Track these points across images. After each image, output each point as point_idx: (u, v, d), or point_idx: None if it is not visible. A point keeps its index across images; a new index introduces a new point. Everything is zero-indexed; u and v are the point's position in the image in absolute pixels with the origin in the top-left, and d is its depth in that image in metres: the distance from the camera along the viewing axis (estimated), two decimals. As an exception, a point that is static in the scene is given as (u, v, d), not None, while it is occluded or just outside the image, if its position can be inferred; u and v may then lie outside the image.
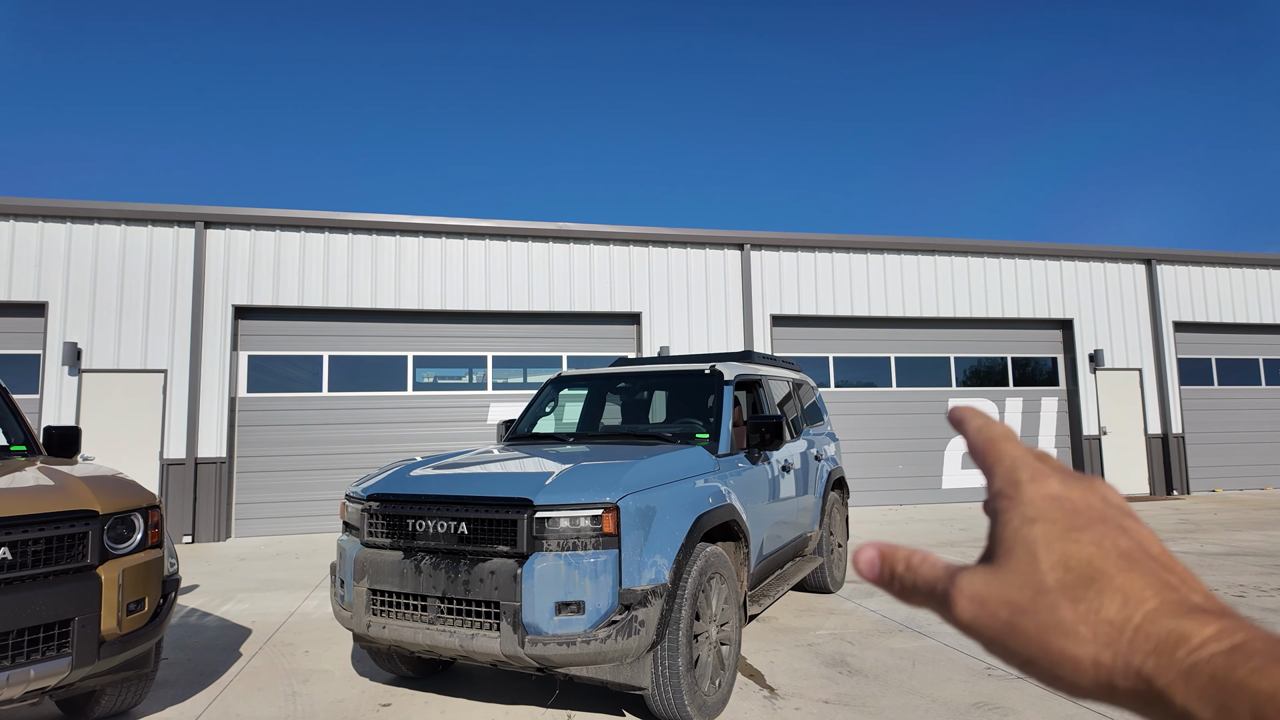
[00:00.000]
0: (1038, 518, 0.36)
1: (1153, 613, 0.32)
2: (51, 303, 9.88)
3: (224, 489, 10.06)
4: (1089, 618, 0.33)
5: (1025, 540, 0.36)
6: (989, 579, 0.36)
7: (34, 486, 3.41)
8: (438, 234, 11.25)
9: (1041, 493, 0.37)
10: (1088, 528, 0.35)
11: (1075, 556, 0.34)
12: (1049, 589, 0.34)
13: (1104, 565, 0.34)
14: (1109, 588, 0.33)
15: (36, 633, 3.11)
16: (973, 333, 13.30)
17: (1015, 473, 0.38)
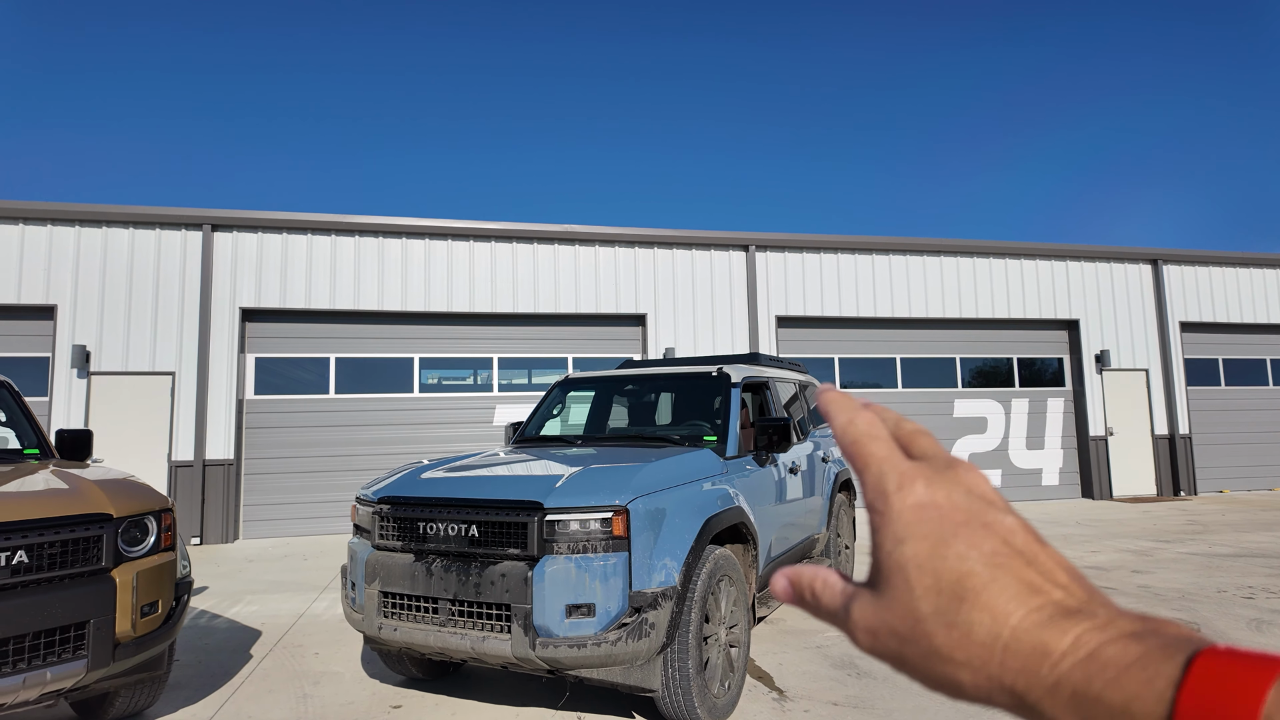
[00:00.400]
0: (907, 536, 0.35)
1: (1017, 629, 0.31)
2: (60, 305, 9.93)
3: (232, 491, 10.10)
4: (962, 644, 0.32)
5: (899, 564, 0.35)
6: (875, 608, 0.35)
7: (48, 490, 3.44)
8: (444, 236, 11.29)
9: (908, 503, 0.36)
10: (955, 536, 0.34)
11: (945, 575, 0.33)
12: (925, 617, 0.33)
13: (972, 580, 0.33)
14: (977, 606, 0.32)
15: (53, 635, 3.13)
16: (978, 333, 13.29)
17: (882, 481, 0.37)
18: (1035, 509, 11.93)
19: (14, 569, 3.08)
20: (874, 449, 0.38)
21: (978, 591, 0.33)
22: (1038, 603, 0.32)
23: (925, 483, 0.36)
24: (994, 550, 0.34)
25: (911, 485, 0.36)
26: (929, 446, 0.39)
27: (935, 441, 0.40)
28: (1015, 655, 0.31)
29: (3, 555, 3.05)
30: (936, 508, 0.35)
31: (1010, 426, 13.17)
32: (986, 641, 0.32)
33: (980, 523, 0.35)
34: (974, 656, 0.32)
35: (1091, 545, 8.41)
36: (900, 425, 0.40)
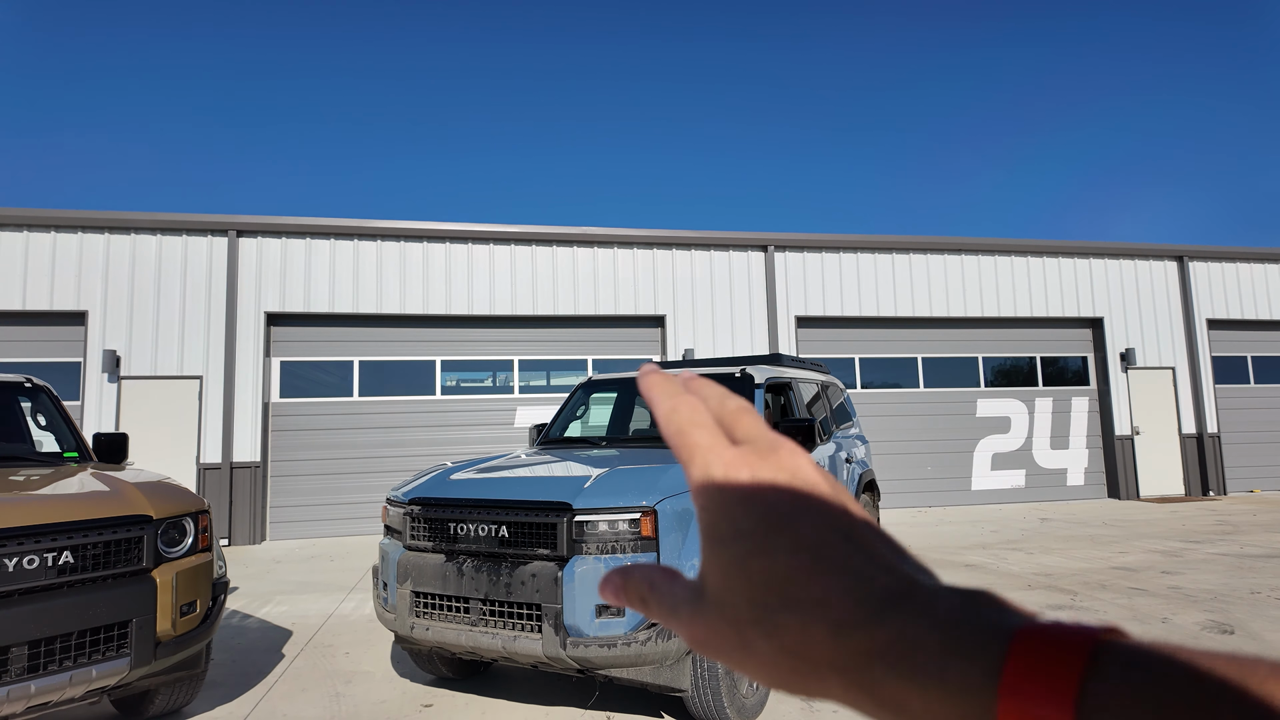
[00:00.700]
0: (730, 536, 0.32)
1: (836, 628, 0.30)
2: (91, 311, 10.13)
3: (258, 493, 10.24)
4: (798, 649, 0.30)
5: (723, 568, 0.32)
6: (705, 615, 0.33)
7: (91, 492, 3.52)
8: (463, 240, 11.38)
9: (732, 499, 0.33)
10: (780, 530, 0.32)
11: (772, 576, 0.31)
12: (747, 623, 0.31)
13: (793, 579, 0.31)
14: (799, 607, 0.30)
15: (97, 634, 3.21)
16: (1000, 332, 13.19)
17: (708, 474, 0.34)
18: (1060, 509, 11.81)
19: (60, 569, 3.16)
20: (697, 438, 0.35)
21: (798, 595, 0.31)
22: (864, 593, 0.30)
23: (750, 472, 0.34)
24: (818, 540, 0.31)
25: (736, 474, 0.34)
26: (752, 428, 0.36)
27: (758, 420, 0.37)
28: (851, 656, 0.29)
29: (49, 556, 3.13)
30: (762, 499, 0.33)
31: (1034, 426, 13.05)
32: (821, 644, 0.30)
33: (805, 510, 0.32)
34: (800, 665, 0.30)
35: (1119, 546, 8.32)
36: (724, 405, 0.37)
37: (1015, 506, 12.29)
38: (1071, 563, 7.41)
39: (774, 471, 0.33)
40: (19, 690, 2.97)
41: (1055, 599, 5.94)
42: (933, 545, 8.71)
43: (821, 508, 0.33)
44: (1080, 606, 5.70)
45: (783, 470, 0.34)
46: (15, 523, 3.08)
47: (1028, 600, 5.92)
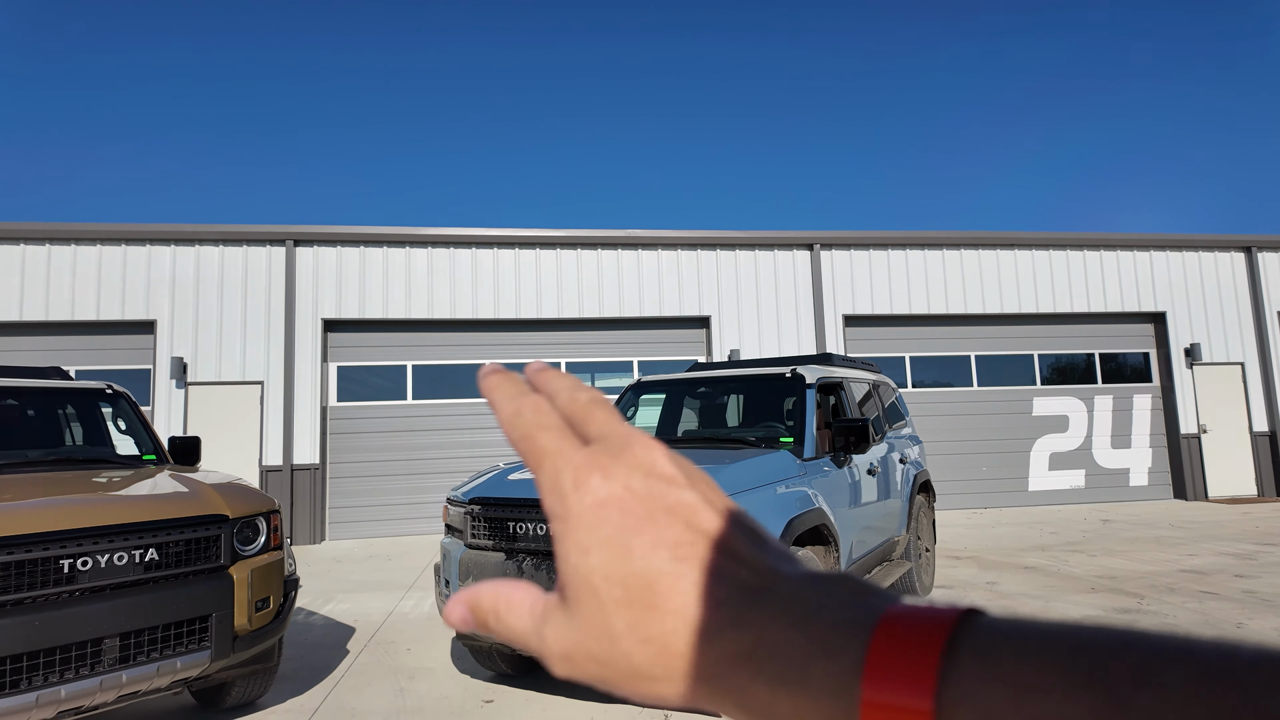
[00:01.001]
0: (591, 544, 0.31)
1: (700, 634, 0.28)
2: (159, 320, 10.58)
3: (318, 494, 10.57)
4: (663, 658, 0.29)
5: (585, 578, 0.30)
6: (569, 630, 0.31)
7: (171, 493, 3.71)
8: (510, 245, 11.56)
9: (587, 504, 0.31)
10: (638, 533, 0.30)
11: (634, 583, 0.30)
12: (620, 634, 0.30)
13: (660, 582, 0.29)
14: (669, 611, 0.29)
15: (181, 627, 3.38)
16: (1056, 328, 12.83)
17: (558, 481, 0.32)
18: (1123, 510, 11.44)
19: (146, 566, 3.33)
20: (544, 442, 0.33)
21: (667, 595, 0.29)
22: (725, 592, 0.29)
23: (602, 474, 0.32)
24: (677, 539, 0.30)
25: (588, 480, 0.32)
26: (604, 423, 0.34)
27: (611, 412, 0.35)
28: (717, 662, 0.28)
29: (136, 553, 3.30)
30: (617, 502, 0.31)
31: (1094, 425, 12.67)
32: (686, 652, 0.28)
33: (662, 509, 0.31)
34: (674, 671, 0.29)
35: (1187, 548, 8.03)
36: (574, 399, 0.36)
37: (1075, 508, 11.95)
38: (1137, 565, 7.19)
39: (627, 471, 0.32)
40: (111, 680, 3.15)
41: (1121, 602, 5.78)
42: (989, 547, 8.54)
43: (679, 504, 0.31)
44: (1148, 610, 5.53)
45: (636, 468, 0.32)
46: (105, 521, 3.26)
47: (1091, 604, 5.77)
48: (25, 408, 4.68)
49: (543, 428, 0.34)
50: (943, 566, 7.40)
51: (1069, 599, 5.96)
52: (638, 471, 0.32)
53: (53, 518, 3.15)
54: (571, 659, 0.31)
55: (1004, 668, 0.24)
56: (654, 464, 0.32)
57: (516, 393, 0.36)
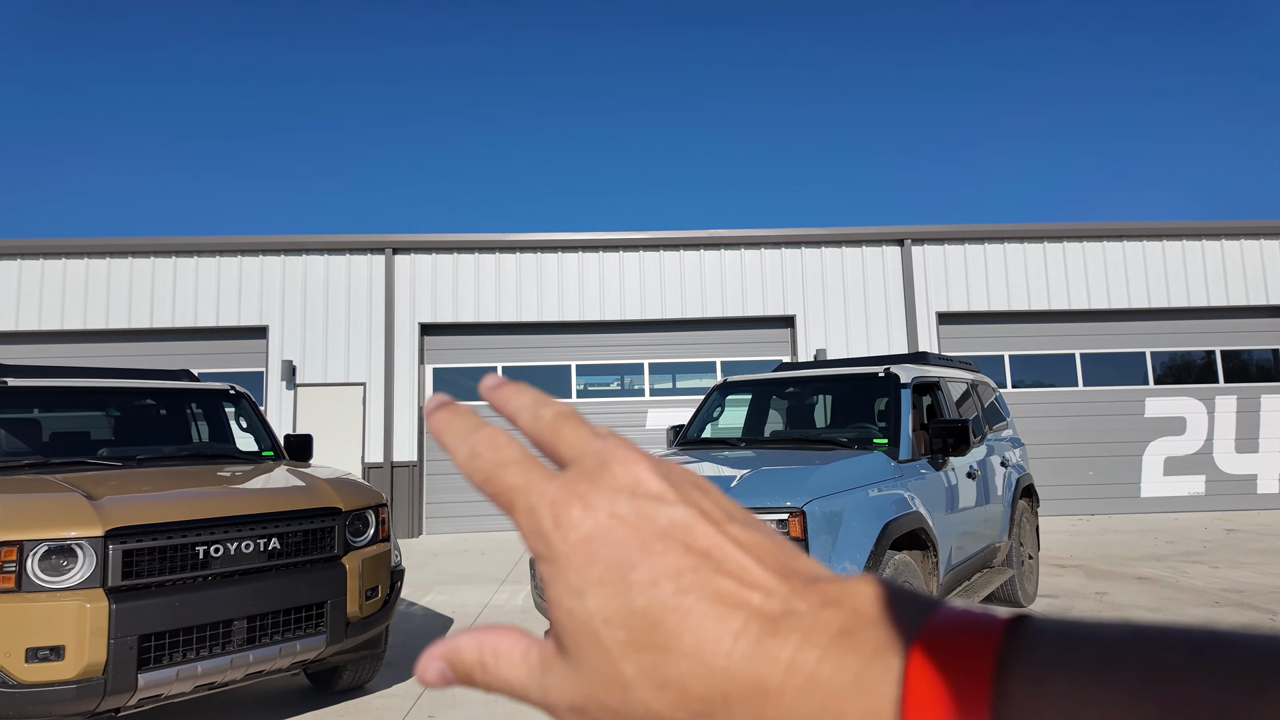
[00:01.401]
0: (584, 587, 0.27)
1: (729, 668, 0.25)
2: (271, 326, 11.30)
3: (416, 490, 11.04)
4: (681, 703, 0.26)
5: (584, 624, 0.27)
6: (575, 681, 0.28)
7: (290, 487, 3.97)
8: (594, 249, 11.74)
9: (572, 541, 0.28)
10: (634, 567, 0.27)
11: (638, 624, 0.26)
12: (632, 682, 0.26)
13: (667, 619, 0.26)
14: (680, 652, 0.26)
15: (300, 612, 3.61)
16: (1171, 324, 12.00)
17: (535, 520, 0.29)
18: (1249, 519, 10.59)
19: (269, 554, 3.58)
20: (509, 479, 0.30)
21: (677, 633, 0.26)
22: (739, 622, 0.26)
23: (582, 505, 0.28)
24: (678, 568, 0.27)
25: (568, 514, 0.28)
26: (574, 439, 0.31)
27: (580, 425, 0.31)
28: (740, 703, 0.25)
29: (261, 542, 3.56)
30: (603, 535, 0.28)
31: (1214, 427, 11.78)
32: (706, 695, 0.25)
33: (655, 534, 0.28)
34: (704, 713, 0.26)
35: (1327, 562, 7.37)
36: (537, 418, 0.32)
37: (1194, 515, 11.15)
38: (1267, 579, 6.65)
39: (609, 496, 0.28)
40: (240, 659, 3.40)
41: (1249, 618, 5.36)
42: (1098, 555, 8.08)
43: (672, 525, 0.28)
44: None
45: (620, 491, 0.29)
46: (234, 512, 3.52)
47: (1215, 620, 5.38)
48: (159, 407, 5.09)
49: (503, 464, 0.30)
50: (1047, 575, 7.05)
51: (1189, 613, 5.57)
52: (621, 494, 0.28)
53: (189, 508, 3.43)
54: (583, 711, 0.28)
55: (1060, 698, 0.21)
56: (638, 482, 0.29)
57: (469, 429, 0.32)
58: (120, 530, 3.17)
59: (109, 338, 11.38)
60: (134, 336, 11.41)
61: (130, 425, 4.90)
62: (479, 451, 0.31)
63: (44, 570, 3.03)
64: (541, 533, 0.28)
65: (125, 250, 11.29)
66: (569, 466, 0.30)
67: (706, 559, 0.27)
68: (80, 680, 2.97)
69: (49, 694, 2.93)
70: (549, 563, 0.28)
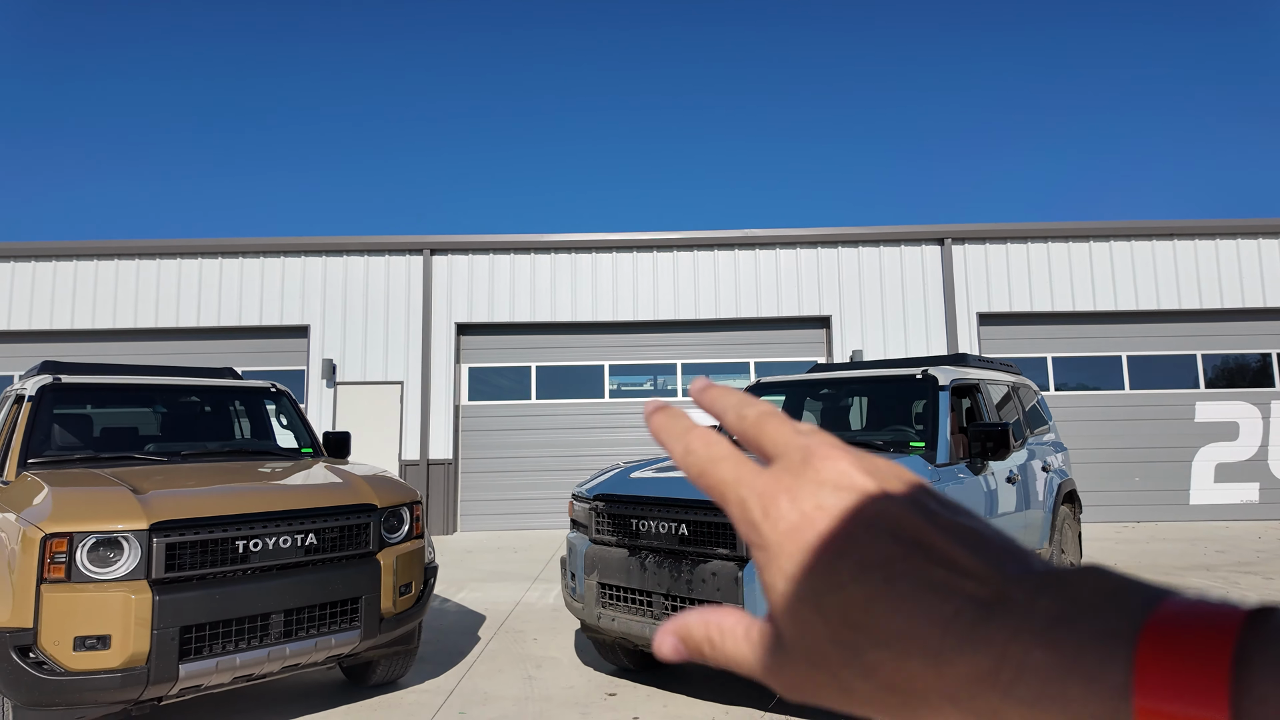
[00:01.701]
0: (794, 575, 0.29)
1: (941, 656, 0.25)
2: (312, 325, 11.54)
3: (451, 487, 11.17)
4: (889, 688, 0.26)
5: (794, 609, 0.29)
6: (789, 661, 0.29)
7: (328, 483, 4.04)
8: (628, 249, 11.75)
9: (780, 530, 0.29)
10: (841, 556, 0.28)
11: (849, 611, 0.27)
12: (840, 666, 0.27)
13: (876, 607, 0.27)
14: (887, 640, 0.26)
15: (335, 607, 3.67)
16: (1224, 325, 11.57)
17: (745, 511, 0.30)
18: (1308, 529, 10.16)
19: (306, 549, 3.65)
20: (721, 474, 0.32)
21: (885, 621, 0.27)
22: (951, 609, 0.26)
23: (789, 497, 0.30)
24: (885, 556, 0.27)
25: (775, 506, 0.30)
26: (778, 436, 0.32)
27: (783, 422, 0.33)
28: (958, 685, 0.25)
29: (298, 537, 3.63)
30: (810, 525, 0.29)
31: (1270, 432, 11.33)
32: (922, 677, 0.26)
33: (861, 525, 0.28)
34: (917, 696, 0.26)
35: (1391, 575, 7.04)
36: (741, 417, 0.34)
37: (1247, 525, 10.74)
38: (1327, 592, 6.38)
39: (814, 488, 0.30)
40: (277, 652, 3.47)
41: (1307, 632, 5.14)
42: (1144, 564, 7.83)
43: (878, 516, 0.29)
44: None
45: (823, 484, 0.30)
46: (273, 507, 3.60)
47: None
48: (204, 404, 5.23)
49: (715, 460, 0.32)
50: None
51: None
52: (825, 487, 0.30)
53: (230, 503, 3.52)
54: (798, 689, 0.29)
55: None
56: (841, 475, 0.30)
57: (681, 430, 0.34)
58: (164, 524, 3.26)
59: (158, 336, 11.74)
60: (181, 335, 11.75)
61: (176, 421, 5.04)
62: (693, 449, 0.33)
63: (92, 561, 3.12)
64: (752, 522, 0.30)
65: (174, 252, 11.63)
66: (774, 461, 0.32)
67: (915, 548, 0.27)
68: (125, 669, 3.06)
69: (95, 682, 3.02)
70: (761, 550, 0.30)
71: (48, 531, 3.08)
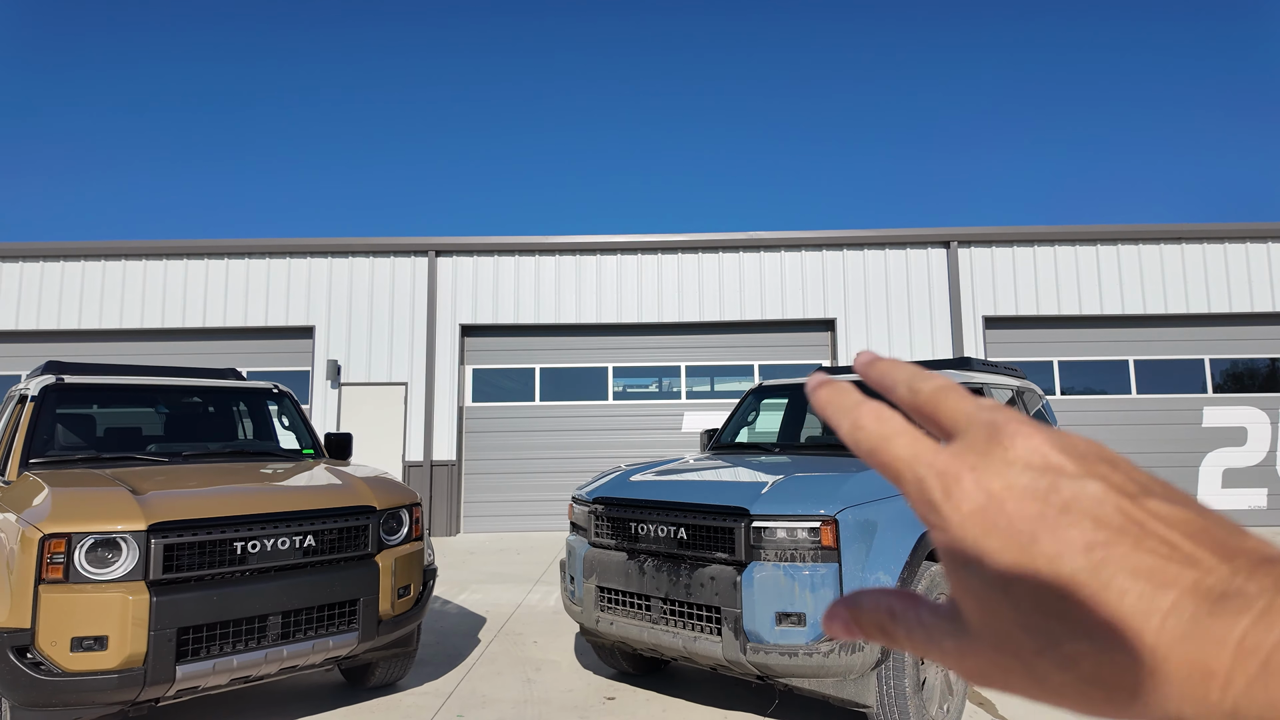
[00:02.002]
0: (978, 554, 0.27)
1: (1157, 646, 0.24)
2: (318, 326, 11.56)
3: (454, 489, 11.18)
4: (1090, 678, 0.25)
5: (981, 594, 0.27)
6: (975, 647, 0.28)
7: (327, 485, 4.03)
8: (633, 250, 11.74)
9: (964, 511, 0.28)
10: (1035, 538, 0.26)
11: (1043, 596, 0.26)
12: (1034, 655, 0.26)
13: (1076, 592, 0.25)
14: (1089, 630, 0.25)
15: (333, 609, 3.67)
16: (1232, 329, 11.50)
17: (923, 491, 0.29)
18: (1317, 536, 10.08)
19: (304, 551, 3.65)
20: (895, 451, 0.30)
21: (1087, 609, 0.25)
22: (1169, 600, 0.24)
23: (973, 476, 0.28)
24: (1087, 541, 0.26)
25: (958, 485, 0.28)
26: (958, 411, 0.30)
27: (964, 398, 0.31)
28: (1169, 680, 0.23)
29: (296, 539, 3.62)
30: (999, 506, 0.27)
31: (1279, 438, 11.24)
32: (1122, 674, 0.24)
33: (1057, 507, 0.26)
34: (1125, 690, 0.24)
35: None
36: (915, 391, 0.31)
37: (1255, 530, 10.63)
38: (1335, 599, 6.30)
39: (1003, 467, 0.28)
40: (274, 654, 3.47)
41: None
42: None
43: (1079, 498, 0.26)
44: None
45: (1014, 462, 0.28)
46: (272, 509, 3.60)
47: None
48: (206, 405, 5.24)
49: (888, 436, 0.30)
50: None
51: None
52: (1016, 465, 0.28)
53: (229, 504, 3.52)
54: (985, 676, 0.28)
55: None
56: (1034, 453, 0.28)
57: (850, 404, 0.32)
58: (162, 525, 3.26)
59: (164, 337, 11.79)
60: (187, 336, 11.80)
61: (178, 422, 5.05)
62: (863, 424, 0.31)
63: (90, 562, 3.13)
64: (931, 503, 0.28)
65: (180, 252, 11.68)
66: (955, 438, 0.30)
67: (1122, 533, 0.25)
68: (122, 670, 3.06)
69: (92, 683, 3.03)
70: (942, 531, 0.28)
71: (46, 532, 3.09)
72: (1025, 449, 0.28)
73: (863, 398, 0.32)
